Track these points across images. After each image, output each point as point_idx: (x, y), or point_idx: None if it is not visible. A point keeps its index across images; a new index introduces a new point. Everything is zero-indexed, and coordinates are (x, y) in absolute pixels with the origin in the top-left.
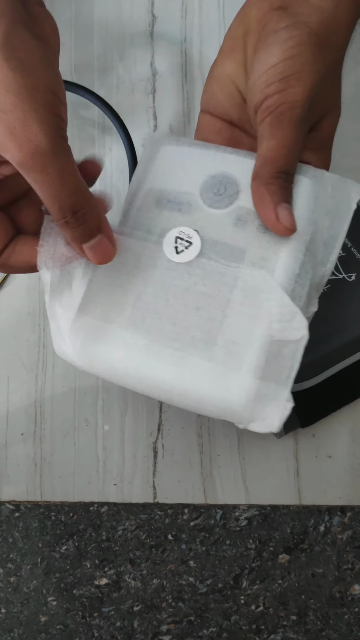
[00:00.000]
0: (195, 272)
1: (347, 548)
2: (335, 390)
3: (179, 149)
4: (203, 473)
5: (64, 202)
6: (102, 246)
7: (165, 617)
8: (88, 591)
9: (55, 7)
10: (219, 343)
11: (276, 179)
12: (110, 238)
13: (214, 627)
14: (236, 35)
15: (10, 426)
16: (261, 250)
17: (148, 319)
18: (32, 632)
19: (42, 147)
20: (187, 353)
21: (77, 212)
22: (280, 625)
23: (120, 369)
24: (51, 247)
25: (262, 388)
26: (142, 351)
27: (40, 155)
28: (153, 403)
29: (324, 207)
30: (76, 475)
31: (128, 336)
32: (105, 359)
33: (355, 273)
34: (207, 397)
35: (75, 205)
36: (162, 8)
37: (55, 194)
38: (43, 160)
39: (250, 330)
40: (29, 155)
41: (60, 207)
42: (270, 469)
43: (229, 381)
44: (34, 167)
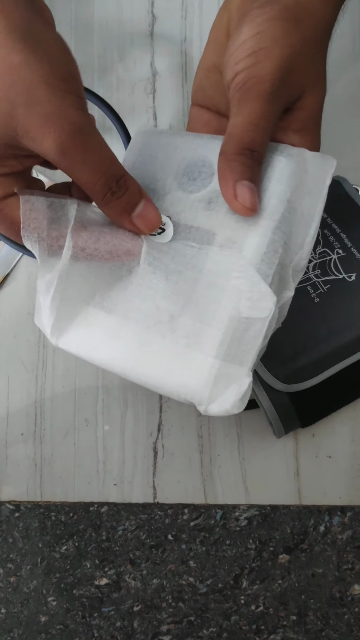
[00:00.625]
0: (169, 251)
1: (347, 548)
2: (336, 390)
3: (161, 139)
4: (203, 473)
5: (108, 173)
6: (149, 211)
7: (165, 617)
8: (88, 591)
9: (55, 7)
10: (183, 322)
11: (239, 155)
12: (152, 202)
13: (214, 627)
14: (220, 25)
15: (10, 426)
16: (230, 232)
17: (119, 301)
18: (32, 632)
19: (80, 125)
20: (151, 333)
21: (120, 178)
22: (280, 625)
23: (87, 348)
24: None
25: (224, 368)
26: (109, 331)
27: (79, 133)
28: (153, 403)
29: (303, 186)
30: (76, 475)
31: (99, 316)
32: (75, 338)
33: (355, 273)
34: (168, 376)
35: (117, 173)
36: (162, 8)
37: (99, 168)
38: (83, 138)
39: (215, 310)
40: (69, 135)
41: (106, 178)
42: (270, 469)
43: (190, 361)
44: (75, 147)
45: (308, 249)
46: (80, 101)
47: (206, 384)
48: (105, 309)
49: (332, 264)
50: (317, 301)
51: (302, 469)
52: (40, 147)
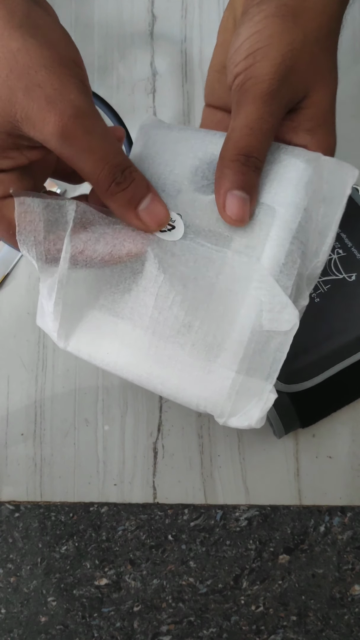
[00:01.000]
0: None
1: (348, 548)
2: (336, 390)
3: (168, 134)
4: (203, 473)
5: (113, 161)
6: (157, 205)
7: (165, 618)
8: (88, 591)
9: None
10: (203, 333)
11: (234, 162)
12: (159, 197)
13: (214, 628)
14: (226, 26)
15: (10, 426)
16: (247, 238)
17: (127, 305)
18: (32, 633)
19: (83, 108)
20: (169, 343)
21: (125, 169)
22: (281, 625)
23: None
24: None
25: (245, 382)
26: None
27: (83, 116)
28: (153, 403)
29: (319, 193)
30: (76, 475)
31: (107, 320)
32: (83, 342)
33: (356, 273)
34: (186, 387)
35: (122, 163)
36: (162, 8)
37: (102, 155)
38: (86, 122)
39: (235, 320)
40: (71, 118)
41: (110, 167)
42: (271, 469)
43: (210, 373)
44: (78, 131)
45: (324, 258)
46: (82, 86)
47: (228, 398)
48: (112, 313)
49: (332, 264)
50: (317, 301)
51: (303, 469)
52: (41, 133)
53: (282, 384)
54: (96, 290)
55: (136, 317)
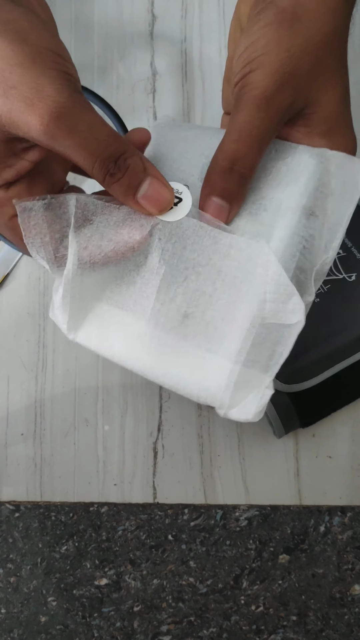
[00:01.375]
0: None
1: (348, 548)
2: (336, 390)
3: (178, 132)
4: (203, 473)
5: (102, 154)
6: (156, 189)
7: (165, 618)
8: (88, 591)
9: (55, 7)
10: (205, 324)
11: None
12: (160, 178)
13: (214, 628)
14: (234, 38)
15: (10, 426)
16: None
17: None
18: (32, 633)
19: (63, 105)
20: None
21: (118, 158)
22: (281, 625)
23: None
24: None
25: (243, 373)
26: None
27: (64, 114)
28: (153, 403)
29: (326, 188)
30: (76, 475)
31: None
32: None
33: (356, 273)
34: (188, 379)
35: (114, 153)
36: (162, 8)
37: (91, 150)
38: (68, 119)
39: (237, 309)
40: (52, 118)
41: (101, 161)
42: (271, 469)
43: (211, 364)
44: (61, 130)
45: (333, 254)
46: (63, 76)
47: (226, 390)
48: (117, 305)
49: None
50: (317, 301)
51: (303, 469)
52: (29, 134)
53: (282, 384)
54: (103, 283)
55: (139, 309)
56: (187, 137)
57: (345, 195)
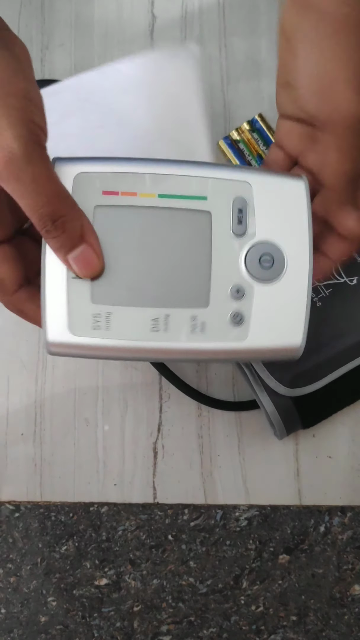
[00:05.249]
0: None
1: (347, 548)
2: (339, 393)
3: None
4: (203, 473)
5: (41, 210)
6: (86, 257)
7: (165, 618)
8: (88, 591)
9: (55, 7)
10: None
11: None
12: (94, 248)
13: (214, 628)
14: (281, 45)
15: (10, 426)
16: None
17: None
18: (32, 633)
19: (15, 153)
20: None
21: (56, 220)
22: (281, 625)
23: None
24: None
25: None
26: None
27: (14, 162)
28: (153, 403)
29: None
30: (76, 475)
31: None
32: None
33: (357, 277)
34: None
35: (53, 213)
36: (162, 8)
37: (31, 203)
38: (16, 168)
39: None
40: (2, 163)
41: (39, 215)
42: (271, 470)
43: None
44: (10, 176)
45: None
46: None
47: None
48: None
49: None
50: (319, 305)
51: (303, 469)
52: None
53: (285, 388)
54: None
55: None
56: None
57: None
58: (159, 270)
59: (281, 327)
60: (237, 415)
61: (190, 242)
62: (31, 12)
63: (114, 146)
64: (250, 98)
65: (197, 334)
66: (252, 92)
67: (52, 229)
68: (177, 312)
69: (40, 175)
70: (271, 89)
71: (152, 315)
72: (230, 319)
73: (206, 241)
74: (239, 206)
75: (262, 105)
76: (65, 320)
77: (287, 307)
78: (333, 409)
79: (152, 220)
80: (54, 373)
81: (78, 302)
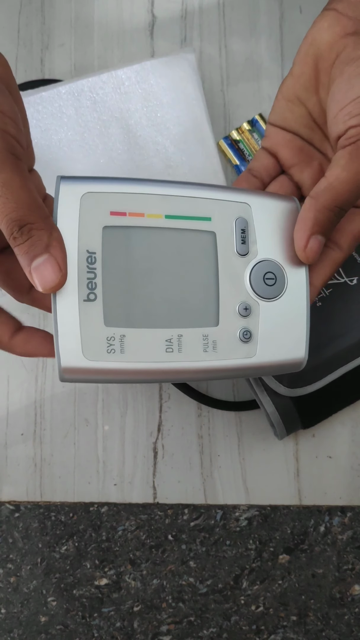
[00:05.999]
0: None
1: (348, 548)
2: (339, 392)
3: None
4: (203, 473)
5: (10, 216)
6: (46, 268)
7: (165, 618)
8: (88, 591)
9: (55, 7)
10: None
11: (329, 211)
12: (59, 260)
13: (214, 628)
14: (306, 60)
15: (10, 426)
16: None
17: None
18: (32, 633)
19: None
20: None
21: (22, 226)
22: (281, 625)
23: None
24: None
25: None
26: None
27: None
28: (153, 403)
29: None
30: (76, 475)
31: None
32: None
33: (357, 277)
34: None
35: (21, 219)
36: (162, 8)
37: (2, 208)
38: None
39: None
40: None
41: (7, 221)
42: (271, 470)
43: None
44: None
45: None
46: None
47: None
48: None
49: None
50: (319, 305)
51: (302, 469)
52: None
53: (285, 388)
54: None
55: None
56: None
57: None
58: (169, 290)
59: (286, 341)
60: (237, 415)
61: (197, 262)
62: (31, 12)
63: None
64: (250, 98)
65: (209, 353)
66: (252, 92)
67: (18, 236)
68: (189, 332)
69: (11, 181)
70: (271, 89)
71: (166, 336)
72: (239, 336)
73: (213, 261)
74: (241, 226)
75: (262, 105)
76: (78, 344)
77: (290, 322)
78: (333, 409)
79: (160, 240)
80: (54, 373)
81: (91, 326)
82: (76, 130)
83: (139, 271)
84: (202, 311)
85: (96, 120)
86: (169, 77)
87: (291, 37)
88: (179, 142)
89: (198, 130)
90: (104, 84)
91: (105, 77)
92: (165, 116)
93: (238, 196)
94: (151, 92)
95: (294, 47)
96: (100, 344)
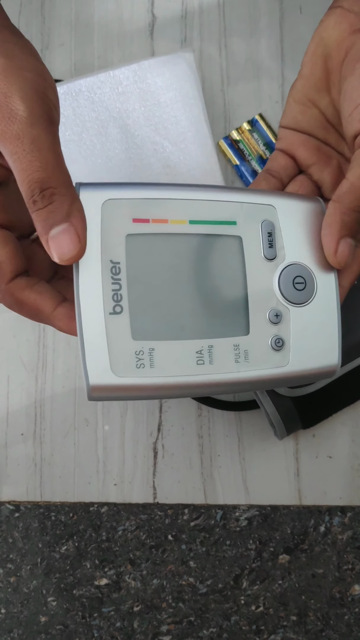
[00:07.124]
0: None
1: (348, 548)
2: (339, 393)
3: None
4: (203, 473)
5: (33, 176)
6: (64, 238)
7: (165, 618)
8: (88, 591)
9: (55, 7)
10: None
11: (355, 212)
12: (79, 230)
13: (214, 628)
14: (314, 59)
15: (10, 426)
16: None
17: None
18: (32, 633)
19: (20, 115)
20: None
21: (45, 189)
22: (281, 625)
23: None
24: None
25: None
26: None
27: (17, 122)
28: (153, 403)
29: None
30: (76, 475)
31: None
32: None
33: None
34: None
35: (44, 182)
36: (162, 8)
37: (25, 167)
38: (18, 128)
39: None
40: (4, 123)
41: (29, 181)
42: (271, 470)
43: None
44: (10, 136)
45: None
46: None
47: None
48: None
49: None
50: None
51: (303, 469)
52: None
53: (285, 388)
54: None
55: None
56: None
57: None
58: (196, 299)
59: (318, 348)
60: (237, 415)
61: (224, 268)
62: (31, 12)
63: (112, 152)
64: (251, 98)
65: (241, 363)
66: (252, 92)
67: (38, 199)
68: (219, 342)
69: (41, 140)
70: (271, 89)
71: (196, 347)
72: (271, 344)
73: (240, 267)
74: (267, 230)
75: (262, 105)
76: (106, 361)
77: (321, 328)
78: (333, 409)
79: (185, 247)
80: (54, 373)
81: (118, 340)
82: (74, 130)
83: (164, 280)
84: (232, 320)
85: (94, 120)
86: (167, 77)
87: (291, 37)
88: (177, 142)
89: (196, 129)
90: (101, 83)
91: (103, 77)
92: (163, 116)
93: (262, 198)
94: (149, 92)
95: (294, 47)
96: (129, 359)
